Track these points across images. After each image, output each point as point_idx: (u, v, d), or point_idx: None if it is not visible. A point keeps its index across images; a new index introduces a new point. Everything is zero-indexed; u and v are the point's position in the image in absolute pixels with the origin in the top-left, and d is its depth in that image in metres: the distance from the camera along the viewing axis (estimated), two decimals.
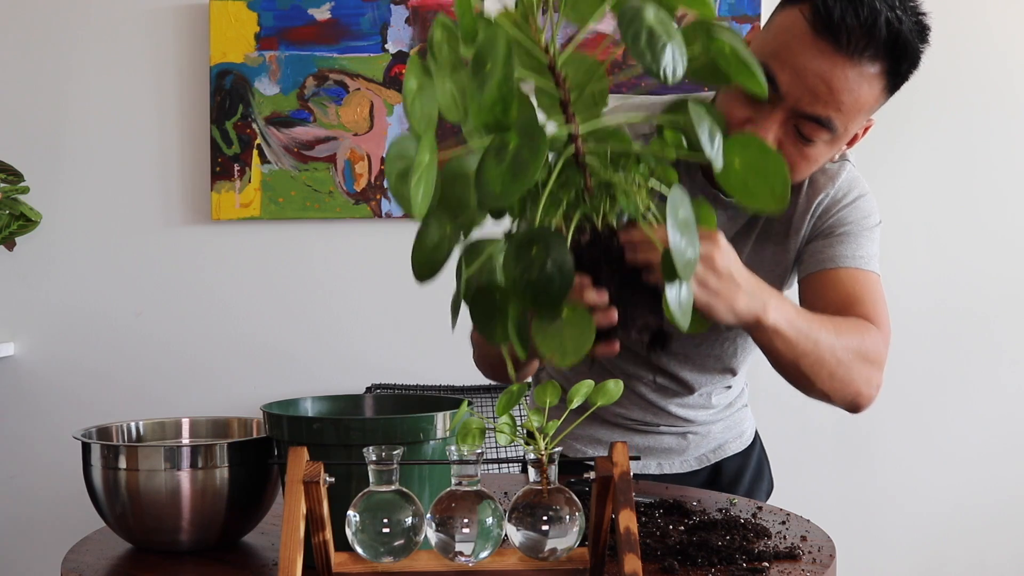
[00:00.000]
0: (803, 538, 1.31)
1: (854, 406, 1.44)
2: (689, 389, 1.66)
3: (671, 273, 1.09)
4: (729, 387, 1.73)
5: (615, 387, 1.13)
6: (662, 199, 1.16)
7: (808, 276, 1.54)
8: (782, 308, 1.32)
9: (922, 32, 1.39)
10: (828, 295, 1.50)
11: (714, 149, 1.10)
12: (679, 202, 1.09)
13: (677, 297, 1.11)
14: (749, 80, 1.08)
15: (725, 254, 1.23)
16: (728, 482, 1.75)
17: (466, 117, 1.12)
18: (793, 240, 1.56)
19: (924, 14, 1.39)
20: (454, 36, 1.13)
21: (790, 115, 1.38)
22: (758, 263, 1.56)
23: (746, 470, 1.79)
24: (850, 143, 1.48)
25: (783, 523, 1.39)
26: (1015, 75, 2.73)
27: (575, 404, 1.11)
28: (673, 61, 1.04)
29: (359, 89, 2.67)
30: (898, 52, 1.36)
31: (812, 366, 1.37)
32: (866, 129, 1.48)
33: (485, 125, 1.06)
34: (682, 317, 1.10)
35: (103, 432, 1.37)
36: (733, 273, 1.24)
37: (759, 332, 1.32)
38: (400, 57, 2.66)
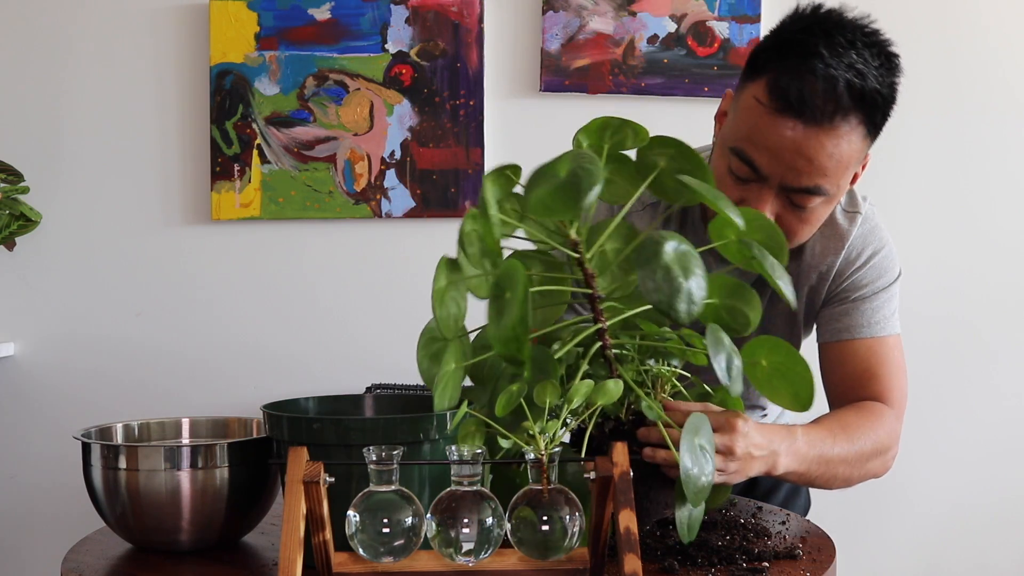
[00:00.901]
0: (803, 538, 1.31)
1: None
2: None
3: (682, 497, 1.13)
4: (765, 415, 1.72)
5: (615, 386, 1.13)
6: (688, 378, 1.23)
7: (826, 344, 1.54)
8: (791, 450, 1.31)
9: (890, 67, 1.35)
10: (845, 368, 1.51)
11: (731, 378, 1.14)
12: (697, 427, 1.12)
13: (687, 517, 1.15)
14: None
15: (741, 440, 1.23)
16: (761, 495, 1.74)
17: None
18: (803, 295, 1.54)
19: (887, 44, 1.35)
20: (480, 223, 1.17)
21: (779, 190, 1.36)
22: (770, 319, 1.55)
23: (781, 486, 1.78)
24: (851, 181, 1.46)
25: (783, 523, 1.39)
26: (1010, 78, 2.73)
27: (575, 404, 1.11)
28: (688, 303, 1.08)
29: (359, 89, 2.67)
30: (868, 103, 1.33)
31: (827, 482, 1.39)
32: (864, 165, 1.46)
33: (501, 355, 1.11)
34: (688, 534, 1.16)
35: (103, 432, 1.37)
36: (751, 451, 1.24)
37: (773, 476, 1.32)
38: (400, 57, 2.66)
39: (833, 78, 1.30)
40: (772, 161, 1.34)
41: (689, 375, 1.24)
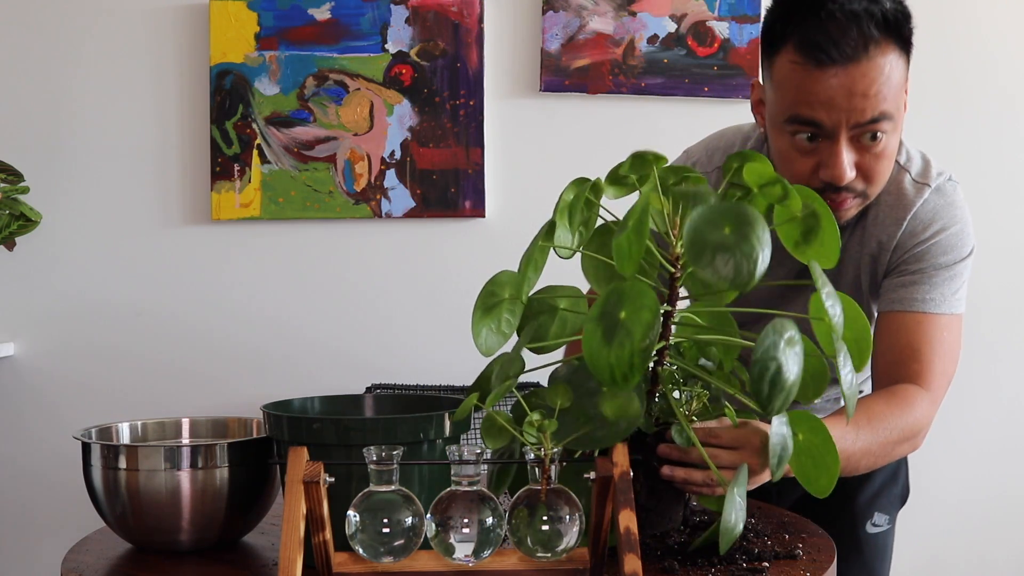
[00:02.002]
0: (803, 538, 1.31)
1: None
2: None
3: (716, 545, 1.15)
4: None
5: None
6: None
7: (880, 314, 1.51)
8: None
9: None
10: (889, 340, 1.48)
11: (778, 467, 1.14)
12: (741, 480, 1.13)
13: (730, 530, 1.14)
14: None
15: (758, 457, 1.22)
16: (857, 482, 1.69)
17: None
18: (865, 263, 1.52)
19: None
20: (597, 194, 1.21)
21: (851, 134, 1.37)
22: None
23: (876, 475, 1.71)
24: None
25: (783, 523, 1.39)
26: (1007, 78, 2.73)
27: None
28: (783, 403, 1.10)
29: (359, 89, 2.67)
30: (892, 24, 1.36)
31: (850, 472, 1.37)
32: (906, 91, 1.45)
33: (600, 378, 1.10)
34: (724, 545, 1.14)
35: (103, 432, 1.37)
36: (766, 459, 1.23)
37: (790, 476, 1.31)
38: (400, 57, 2.66)
39: (854, 14, 1.33)
40: (832, 112, 1.36)
41: (728, 404, 1.24)
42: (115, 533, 1.32)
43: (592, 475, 1.05)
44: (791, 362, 1.09)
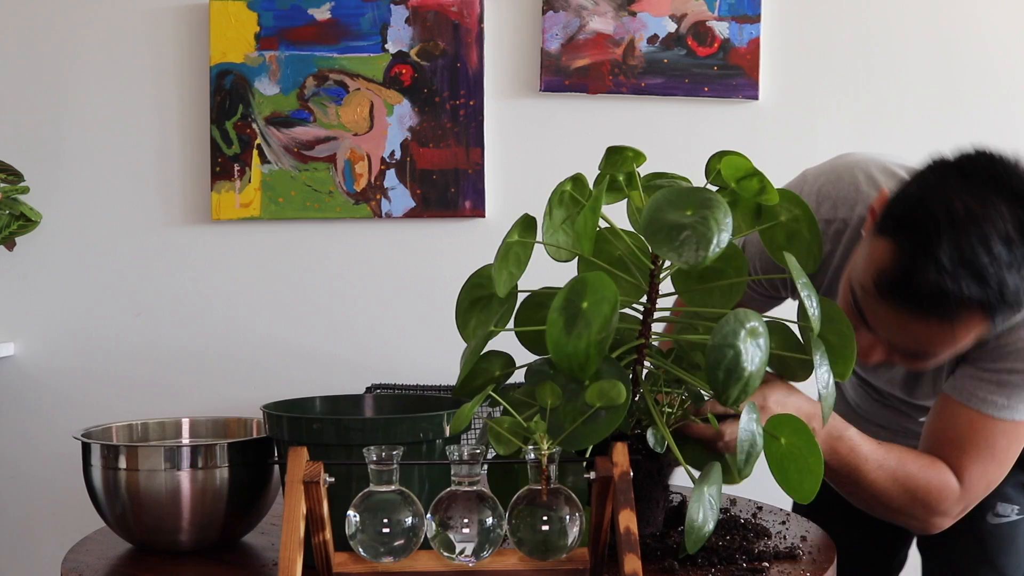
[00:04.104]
0: (803, 538, 1.31)
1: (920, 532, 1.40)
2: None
3: (683, 547, 1.13)
4: None
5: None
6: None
7: (942, 390, 1.39)
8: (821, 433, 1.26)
9: None
10: (939, 423, 1.37)
11: (745, 464, 1.12)
12: (710, 477, 1.12)
13: (697, 530, 1.13)
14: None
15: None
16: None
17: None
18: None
19: None
20: (581, 190, 1.20)
21: (888, 345, 1.27)
22: (917, 383, 1.46)
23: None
24: None
25: (783, 523, 1.39)
26: (1003, 72, 2.72)
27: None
28: (741, 392, 1.09)
29: (359, 89, 2.67)
30: (987, 307, 1.17)
31: (851, 487, 1.34)
32: None
33: (561, 368, 1.10)
34: (691, 547, 1.12)
35: (103, 432, 1.37)
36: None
37: None
38: (400, 57, 2.66)
39: (943, 290, 1.15)
40: (880, 325, 1.25)
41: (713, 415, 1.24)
42: (115, 533, 1.32)
43: (592, 475, 1.05)
44: (751, 351, 1.07)
